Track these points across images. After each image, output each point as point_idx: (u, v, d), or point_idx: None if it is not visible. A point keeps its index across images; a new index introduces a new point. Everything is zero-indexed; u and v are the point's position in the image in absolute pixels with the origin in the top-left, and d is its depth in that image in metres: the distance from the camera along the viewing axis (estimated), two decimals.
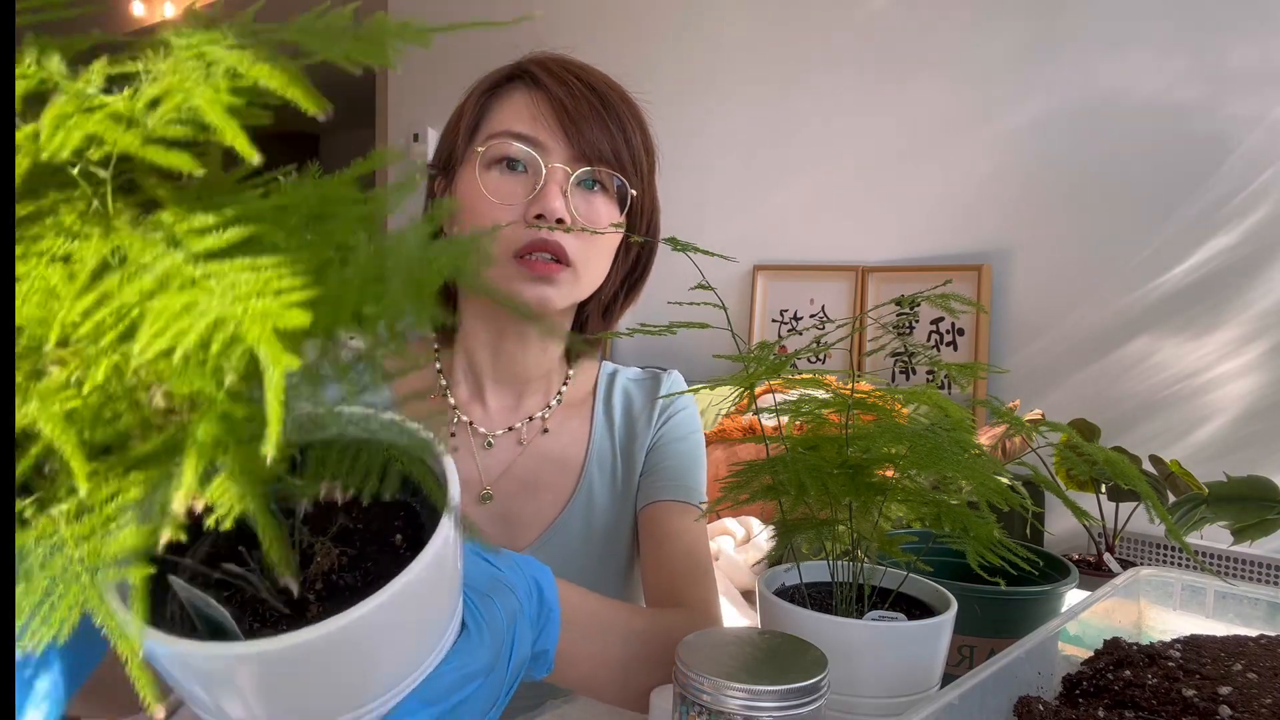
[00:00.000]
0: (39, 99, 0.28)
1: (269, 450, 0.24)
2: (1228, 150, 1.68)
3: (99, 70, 0.29)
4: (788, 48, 2.31)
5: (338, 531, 0.40)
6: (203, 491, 0.30)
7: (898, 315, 1.80)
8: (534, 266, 0.77)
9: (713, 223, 2.41)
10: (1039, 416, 1.56)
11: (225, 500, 0.30)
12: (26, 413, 0.27)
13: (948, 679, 0.55)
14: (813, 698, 0.47)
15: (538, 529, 0.85)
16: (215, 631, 0.36)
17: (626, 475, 0.90)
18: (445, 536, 0.39)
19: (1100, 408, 1.79)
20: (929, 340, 2.02)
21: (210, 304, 0.25)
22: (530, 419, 0.89)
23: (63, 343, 0.26)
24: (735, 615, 1.10)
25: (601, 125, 0.79)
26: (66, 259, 0.27)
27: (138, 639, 0.29)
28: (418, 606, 0.40)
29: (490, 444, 0.86)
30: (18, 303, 0.26)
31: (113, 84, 0.29)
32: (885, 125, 2.14)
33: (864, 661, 0.57)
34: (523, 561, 0.55)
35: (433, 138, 3.21)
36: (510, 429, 0.88)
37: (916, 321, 2.04)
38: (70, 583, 0.29)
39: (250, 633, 0.36)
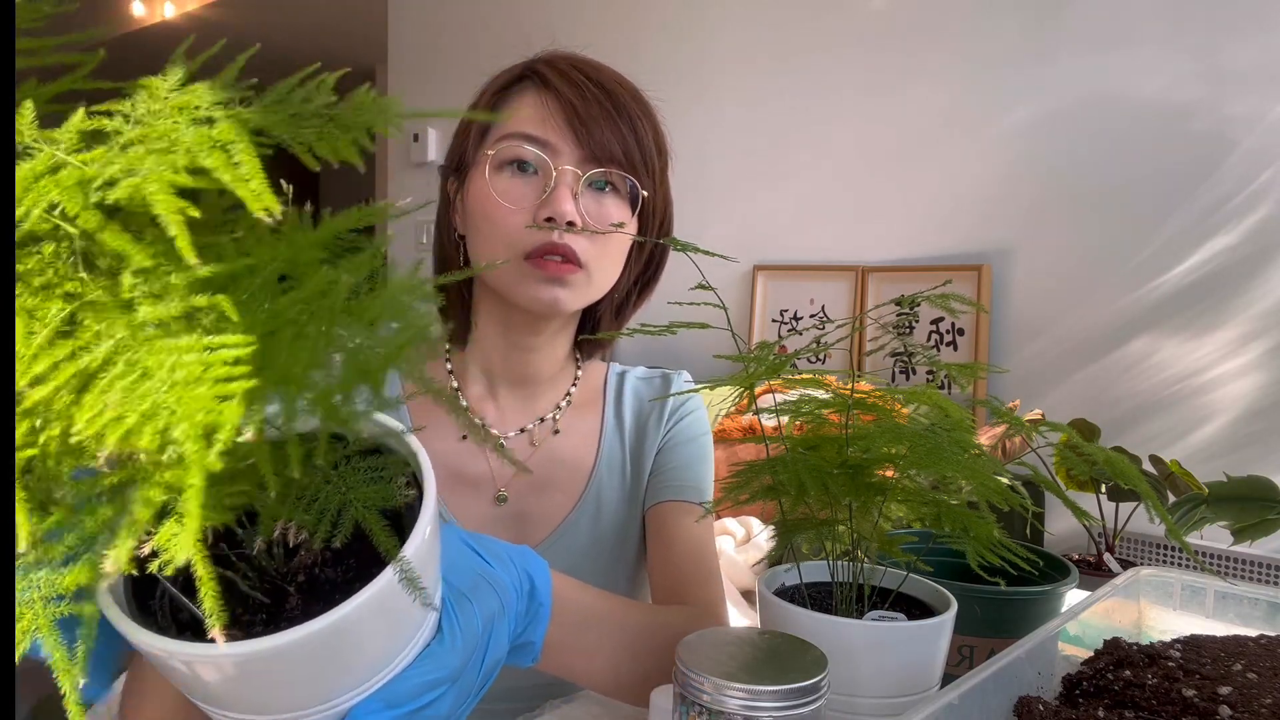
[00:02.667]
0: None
1: (184, 551, 0.25)
2: (1228, 150, 1.68)
3: (74, 127, 0.29)
4: (787, 48, 2.31)
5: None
6: (155, 529, 0.31)
7: (898, 315, 1.80)
8: (545, 266, 0.77)
9: (713, 223, 2.40)
10: (1039, 416, 1.56)
11: (170, 548, 0.31)
12: None
13: (948, 679, 0.55)
14: (813, 698, 0.47)
15: (548, 528, 0.86)
16: (198, 623, 0.38)
17: (636, 475, 0.90)
18: (421, 533, 0.40)
19: (1100, 408, 1.79)
20: (929, 340, 2.02)
21: (149, 388, 0.26)
22: (541, 419, 0.89)
23: (20, 397, 0.27)
24: (735, 615, 1.10)
25: (612, 126, 0.79)
26: (31, 313, 0.27)
27: (79, 675, 0.31)
28: (394, 606, 0.41)
29: (503, 445, 0.87)
30: None
31: (88, 140, 0.29)
32: (885, 125, 2.14)
33: (864, 661, 0.57)
34: (517, 554, 0.55)
35: (433, 138, 3.20)
36: (523, 430, 0.88)
37: (916, 321, 2.04)
38: (25, 609, 0.30)
39: (231, 621, 0.38)
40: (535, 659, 0.57)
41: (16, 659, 0.30)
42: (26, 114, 0.29)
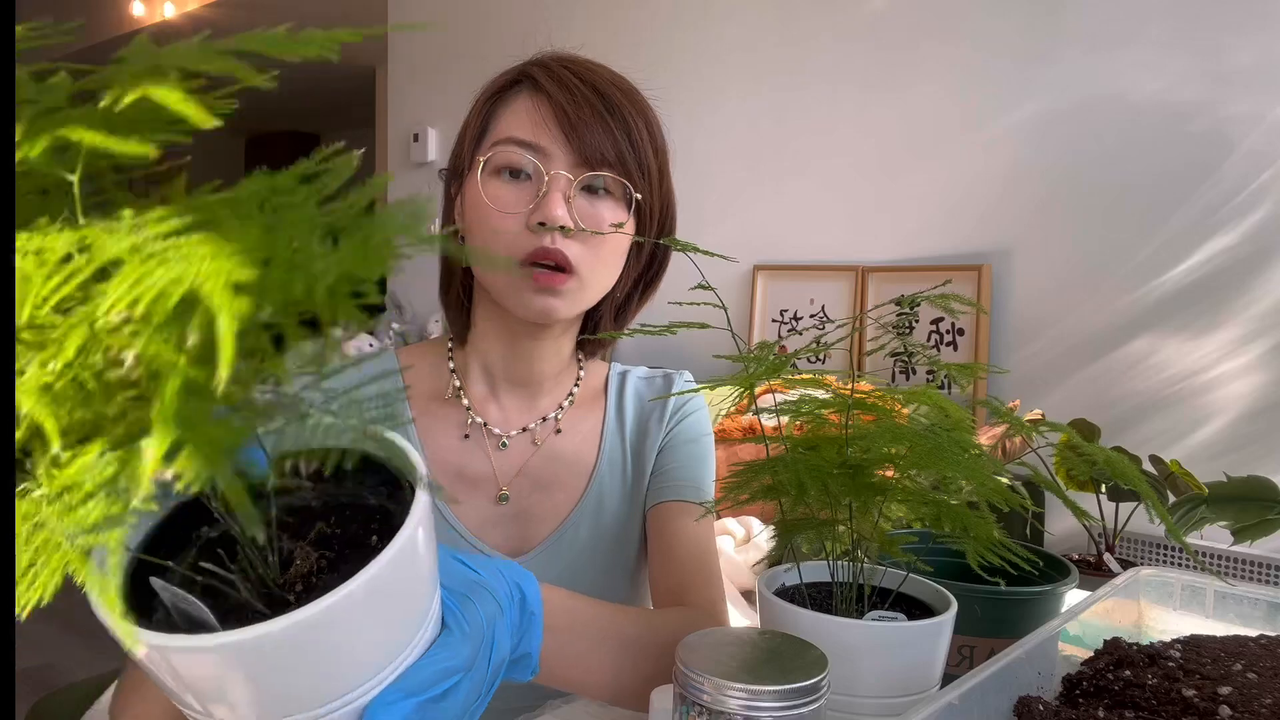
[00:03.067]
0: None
1: (222, 372, 0.25)
2: (1228, 150, 1.68)
3: (61, 82, 0.31)
4: (788, 47, 2.31)
5: (316, 536, 0.41)
6: (171, 463, 0.31)
7: (898, 315, 1.80)
8: (538, 277, 0.77)
9: (713, 223, 2.41)
10: (1039, 416, 1.56)
11: (191, 469, 0.31)
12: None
13: (948, 679, 0.55)
14: (813, 698, 0.47)
15: (549, 527, 0.86)
16: (197, 629, 0.37)
17: (637, 475, 0.90)
18: (414, 525, 0.40)
19: (1100, 408, 1.79)
20: (929, 340, 2.02)
21: (169, 267, 0.26)
22: (544, 419, 0.89)
23: (33, 323, 0.28)
24: (736, 615, 1.10)
25: (605, 129, 0.78)
26: (38, 252, 0.28)
27: (116, 596, 0.31)
28: (390, 596, 0.41)
29: (505, 445, 0.87)
30: None
31: (73, 100, 0.31)
32: (885, 125, 2.14)
33: (864, 661, 0.57)
34: (504, 567, 0.55)
35: (433, 137, 3.20)
36: (525, 429, 0.88)
37: (916, 321, 2.04)
38: (52, 552, 0.31)
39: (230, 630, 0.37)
40: (534, 670, 0.56)
41: (48, 597, 0.30)
42: (23, 74, 0.30)
